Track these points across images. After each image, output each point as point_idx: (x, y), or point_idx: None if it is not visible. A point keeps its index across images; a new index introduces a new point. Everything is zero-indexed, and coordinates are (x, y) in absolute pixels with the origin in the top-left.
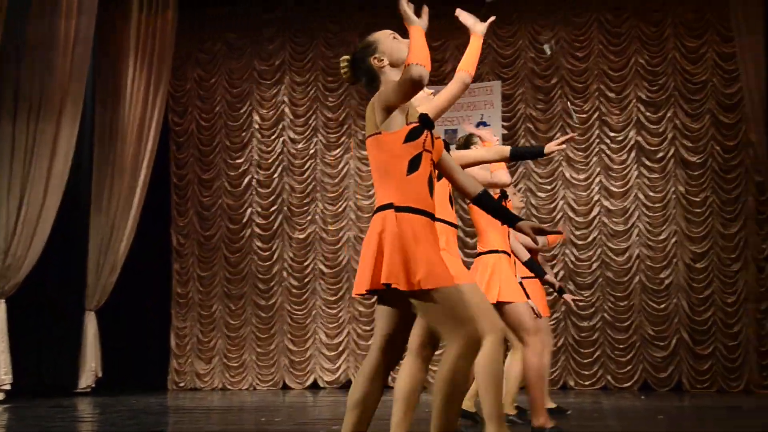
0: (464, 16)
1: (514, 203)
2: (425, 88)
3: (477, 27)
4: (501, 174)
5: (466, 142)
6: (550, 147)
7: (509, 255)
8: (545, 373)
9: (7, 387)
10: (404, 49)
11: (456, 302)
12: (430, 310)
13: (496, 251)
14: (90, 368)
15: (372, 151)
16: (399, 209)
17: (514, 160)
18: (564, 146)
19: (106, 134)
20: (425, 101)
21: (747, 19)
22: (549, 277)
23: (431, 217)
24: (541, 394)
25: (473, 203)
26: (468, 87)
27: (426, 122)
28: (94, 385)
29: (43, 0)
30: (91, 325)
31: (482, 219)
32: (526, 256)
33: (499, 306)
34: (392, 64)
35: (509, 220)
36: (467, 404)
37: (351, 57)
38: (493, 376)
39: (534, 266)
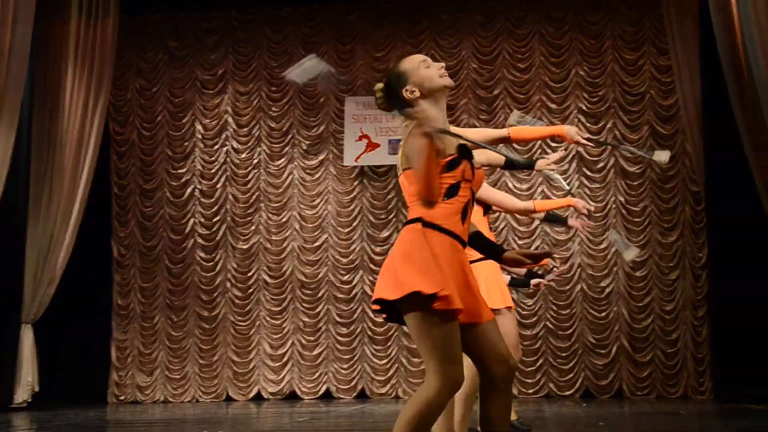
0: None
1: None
2: None
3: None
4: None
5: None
6: (540, 165)
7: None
8: None
9: None
10: (435, 77)
11: (445, 339)
12: (416, 334)
13: (486, 258)
14: (26, 382)
15: (406, 182)
16: (426, 224)
17: (507, 169)
18: (555, 166)
19: (44, 143)
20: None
21: (682, 33)
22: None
23: (459, 240)
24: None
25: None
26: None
27: (464, 152)
28: (30, 400)
29: None
30: (27, 339)
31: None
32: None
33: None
34: (424, 95)
35: (497, 255)
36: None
37: (384, 86)
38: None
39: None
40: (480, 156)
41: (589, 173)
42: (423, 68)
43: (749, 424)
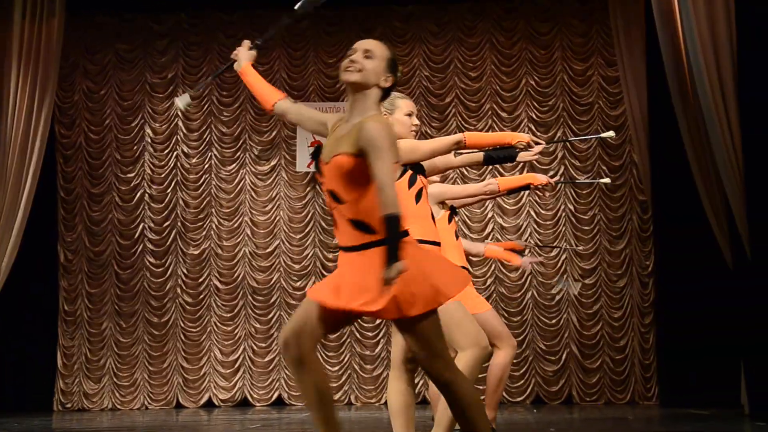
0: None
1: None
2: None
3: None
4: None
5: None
6: (523, 156)
7: (467, 270)
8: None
9: None
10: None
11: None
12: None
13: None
14: None
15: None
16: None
17: (487, 164)
18: (536, 156)
19: None
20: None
21: (630, 45)
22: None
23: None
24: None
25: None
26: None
27: (314, 153)
28: None
29: None
30: None
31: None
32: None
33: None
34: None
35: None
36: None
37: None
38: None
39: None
40: (459, 158)
41: None
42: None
43: (694, 429)
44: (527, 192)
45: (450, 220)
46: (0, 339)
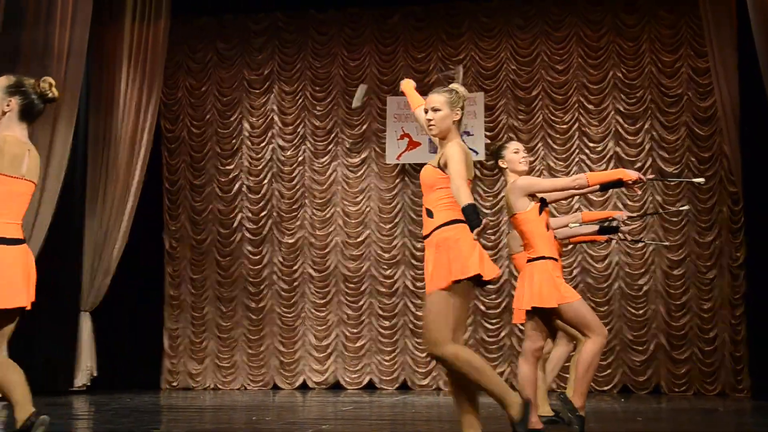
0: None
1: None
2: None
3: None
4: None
5: (496, 153)
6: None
7: (556, 260)
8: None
9: None
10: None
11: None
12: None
13: (544, 257)
14: (86, 367)
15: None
16: None
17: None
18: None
19: (100, 141)
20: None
21: (720, 35)
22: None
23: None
24: (588, 386)
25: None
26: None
27: None
28: (89, 384)
29: (38, 10)
30: (86, 326)
31: (529, 228)
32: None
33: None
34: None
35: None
36: (546, 409)
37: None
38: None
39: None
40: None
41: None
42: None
43: None
44: None
45: (540, 212)
46: (111, 322)
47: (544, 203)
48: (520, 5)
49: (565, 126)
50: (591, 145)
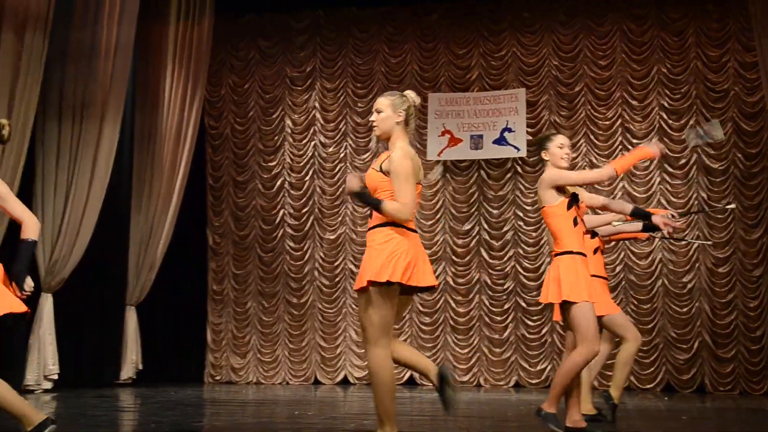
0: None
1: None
2: None
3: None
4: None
5: (541, 142)
6: (656, 219)
7: (584, 255)
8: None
9: (55, 377)
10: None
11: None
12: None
13: (571, 252)
14: (131, 360)
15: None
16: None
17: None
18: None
19: (145, 137)
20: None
21: None
22: (656, 218)
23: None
24: (562, 392)
25: None
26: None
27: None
28: (135, 377)
29: (86, 10)
30: (131, 320)
31: (556, 222)
32: (629, 207)
33: (565, 305)
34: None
35: None
36: (588, 407)
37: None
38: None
39: (641, 212)
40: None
41: (670, 170)
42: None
43: None
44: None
45: (569, 207)
46: (156, 316)
47: (575, 199)
48: (563, 1)
49: (608, 122)
50: (635, 141)
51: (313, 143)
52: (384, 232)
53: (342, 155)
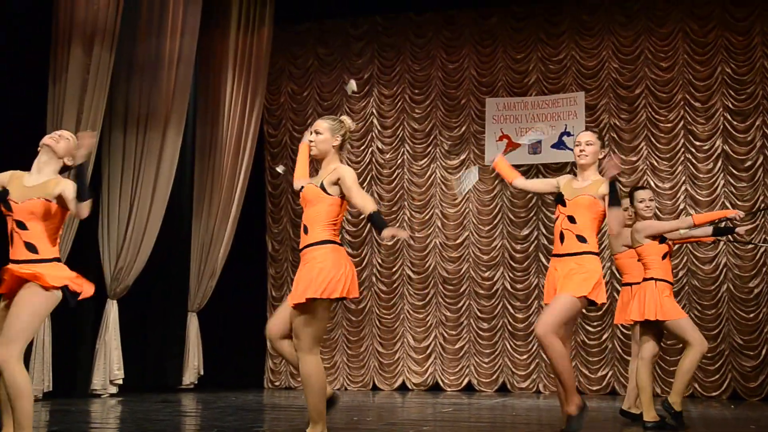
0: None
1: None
2: None
3: None
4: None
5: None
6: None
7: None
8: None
9: (120, 381)
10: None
11: None
12: None
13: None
14: (193, 366)
15: None
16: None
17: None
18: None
19: (206, 146)
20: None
21: None
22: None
23: None
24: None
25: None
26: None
27: None
28: (196, 382)
29: (150, 22)
30: (193, 326)
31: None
32: (710, 230)
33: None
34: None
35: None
36: (651, 414)
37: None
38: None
39: (721, 231)
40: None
41: (735, 172)
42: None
43: None
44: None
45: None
46: (217, 322)
47: (662, 238)
48: (623, 2)
49: (669, 124)
50: (697, 143)
51: (370, 149)
52: (324, 249)
53: (399, 161)
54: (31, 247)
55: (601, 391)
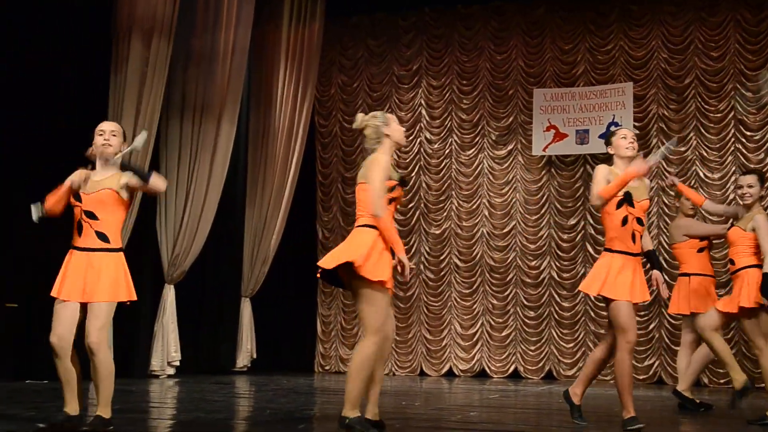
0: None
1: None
2: None
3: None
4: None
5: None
6: None
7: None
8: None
9: (177, 363)
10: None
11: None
12: None
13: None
14: (246, 349)
15: None
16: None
17: None
18: None
19: (259, 135)
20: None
21: None
22: None
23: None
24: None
25: None
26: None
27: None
28: (249, 365)
29: (206, 16)
30: (246, 311)
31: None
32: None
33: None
34: None
35: None
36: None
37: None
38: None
39: None
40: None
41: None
42: None
43: None
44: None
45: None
46: (269, 308)
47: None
48: None
49: (719, 115)
50: (748, 134)
51: (419, 140)
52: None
53: (447, 151)
54: (102, 237)
55: (648, 381)
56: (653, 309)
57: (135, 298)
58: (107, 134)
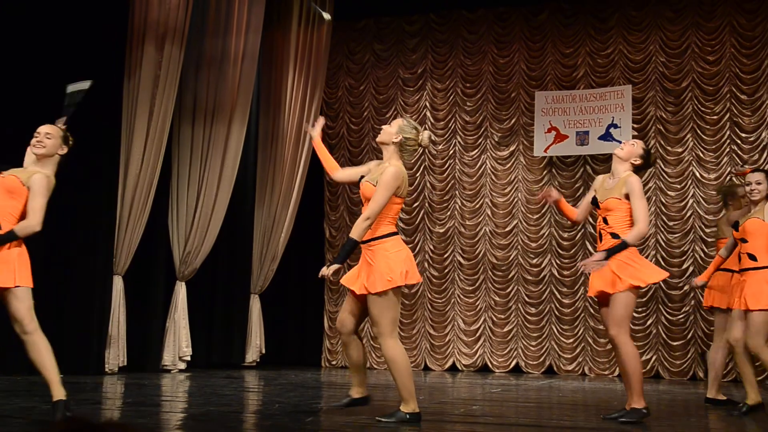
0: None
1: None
2: None
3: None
4: None
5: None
6: None
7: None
8: None
9: (188, 358)
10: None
11: None
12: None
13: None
14: (255, 345)
15: None
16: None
17: None
18: None
19: (269, 137)
20: None
21: None
22: None
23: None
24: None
25: None
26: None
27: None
28: (258, 360)
29: (217, 20)
30: (255, 307)
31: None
32: None
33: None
34: None
35: None
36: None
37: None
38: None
39: None
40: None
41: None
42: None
43: None
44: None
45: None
46: (278, 304)
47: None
48: None
49: (715, 117)
50: (743, 135)
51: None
52: (393, 240)
53: (451, 152)
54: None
55: (645, 375)
56: (651, 305)
57: (12, 285)
58: (41, 136)
